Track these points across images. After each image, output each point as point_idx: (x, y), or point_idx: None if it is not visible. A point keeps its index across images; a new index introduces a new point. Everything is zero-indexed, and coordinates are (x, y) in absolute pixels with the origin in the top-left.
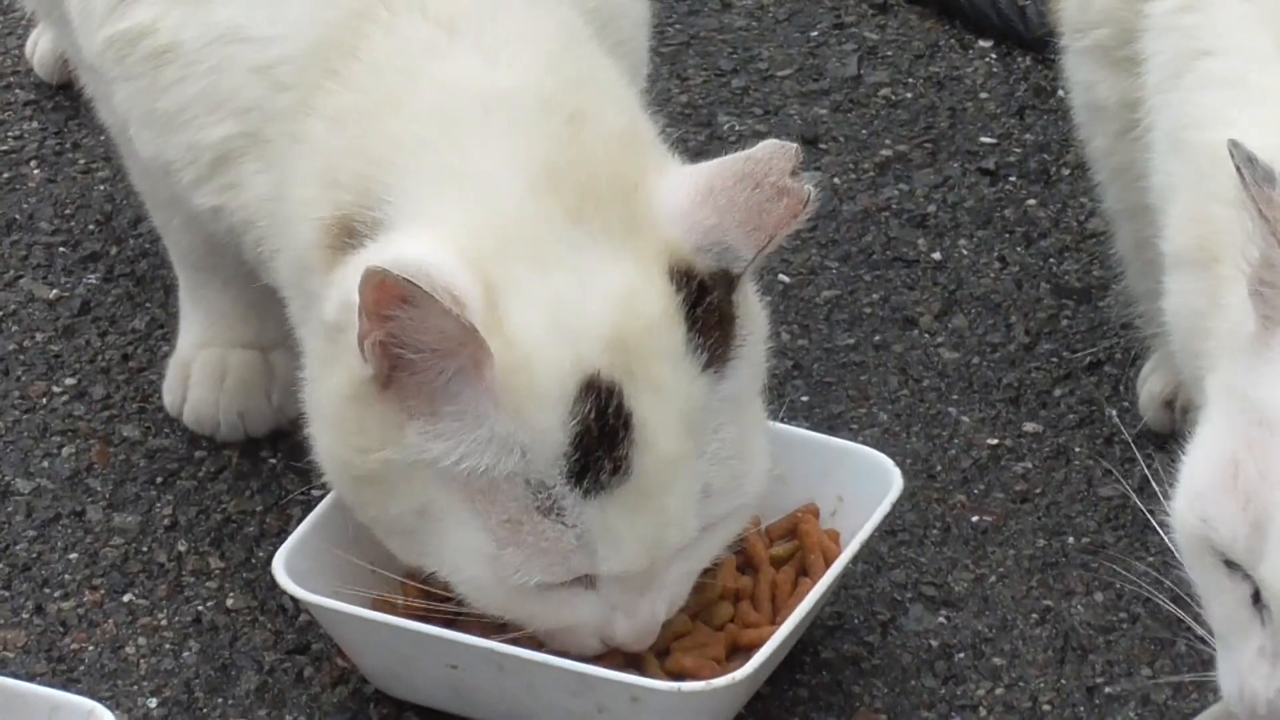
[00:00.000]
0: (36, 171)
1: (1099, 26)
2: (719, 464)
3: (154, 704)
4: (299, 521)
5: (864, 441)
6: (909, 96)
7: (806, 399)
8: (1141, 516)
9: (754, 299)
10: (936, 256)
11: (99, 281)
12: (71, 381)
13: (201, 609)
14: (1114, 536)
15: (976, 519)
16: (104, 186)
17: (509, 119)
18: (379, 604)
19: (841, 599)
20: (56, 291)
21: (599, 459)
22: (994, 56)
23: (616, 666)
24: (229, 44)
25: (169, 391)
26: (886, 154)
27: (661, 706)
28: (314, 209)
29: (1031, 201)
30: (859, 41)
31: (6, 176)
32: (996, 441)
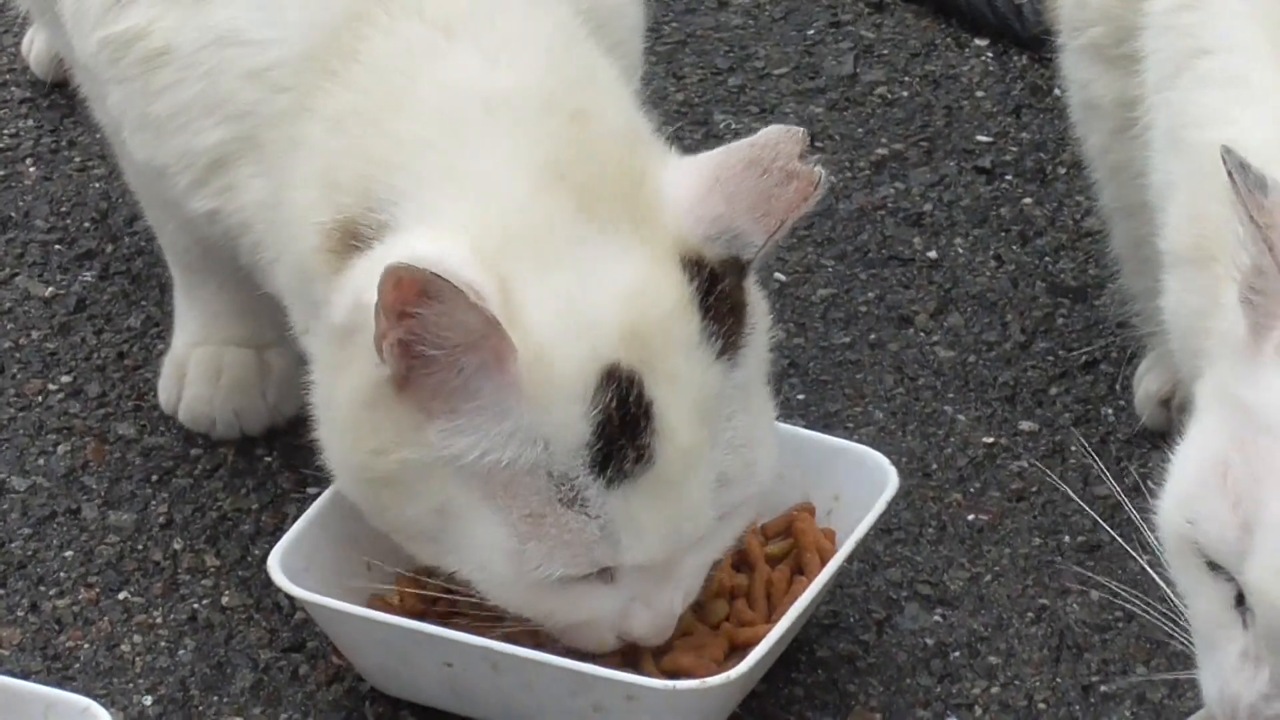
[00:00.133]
0: (32, 169)
1: (1095, 24)
2: (733, 452)
3: (149, 701)
4: (294, 519)
5: (860, 440)
6: (905, 95)
7: (802, 397)
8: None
9: (755, 288)
10: (932, 255)
11: (94, 279)
12: (67, 379)
13: (197, 607)
14: (1109, 535)
15: (972, 517)
16: (99, 184)
17: (512, 118)
18: (375, 602)
19: (837, 597)
20: (52, 289)
21: (622, 448)
22: (990, 55)
23: (613, 666)
24: (225, 47)
25: (164, 389)
26: (882, 152)
27: (657, 705)
28: (314, 212)
29: (1027, 200)
30: (855, 40)
31: (2, 174)
32: (992, 440)
